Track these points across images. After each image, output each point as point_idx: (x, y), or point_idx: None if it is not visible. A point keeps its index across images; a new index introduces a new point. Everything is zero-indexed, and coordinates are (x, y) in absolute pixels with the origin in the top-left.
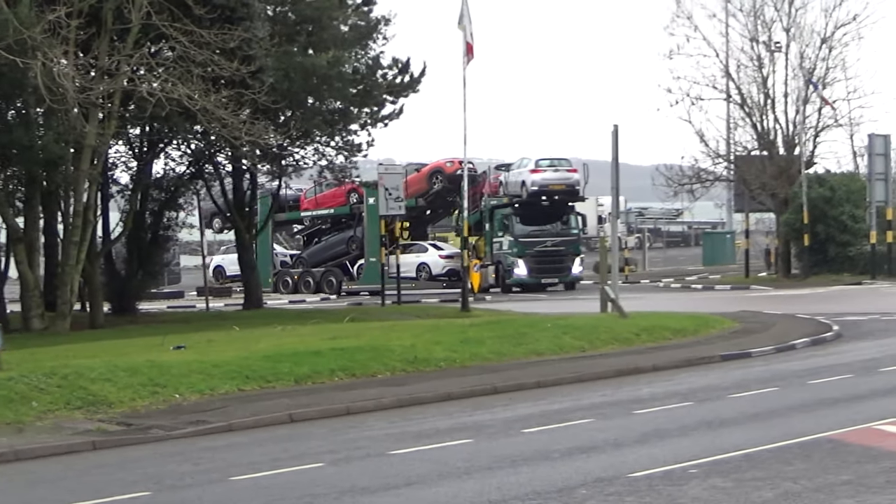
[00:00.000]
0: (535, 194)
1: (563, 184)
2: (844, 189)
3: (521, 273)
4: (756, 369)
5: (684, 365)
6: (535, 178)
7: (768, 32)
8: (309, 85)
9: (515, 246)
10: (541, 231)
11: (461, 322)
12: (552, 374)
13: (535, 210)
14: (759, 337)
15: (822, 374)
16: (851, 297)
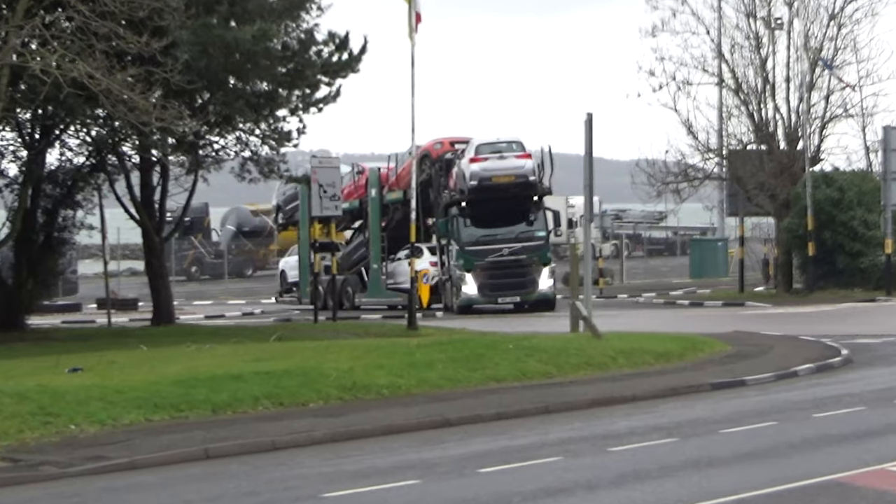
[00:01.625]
0: (477, 191)
1: (512, 174)
2: (855, 190)
3: (470, 291)
4: (752, 400)
5: (668, 394)
6: (474, 168)
7: (768, 7)
8: (230, 62)
9: (461, 257)
10: (494, 236)
11: (407, 342)
12: (514, 403)
13: (486, 209)
14: (756, 362)
15: (828, 406)
16: (863, 317)
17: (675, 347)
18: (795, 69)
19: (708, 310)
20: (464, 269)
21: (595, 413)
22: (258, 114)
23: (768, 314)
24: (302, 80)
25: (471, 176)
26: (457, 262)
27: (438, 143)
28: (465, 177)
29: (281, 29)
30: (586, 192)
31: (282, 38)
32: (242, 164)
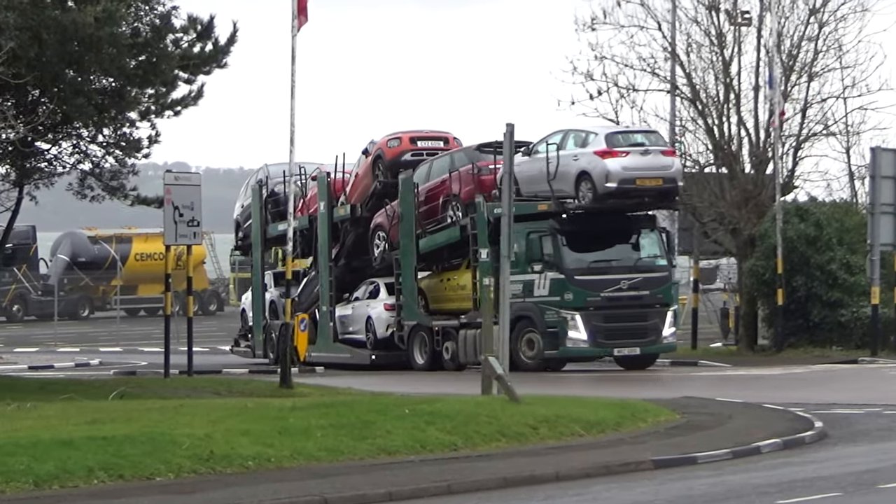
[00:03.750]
0: (615, 196)
1: (660, 177)
2: (836, 226)
3: (580, 337)
4: (703, 482)
5: (601, 473)
6: (611, 166)
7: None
8: (68, 51)
9: (567, 289)
10: (608, 263)
11: (280, 403)
12: (409, 482)
13: (594, 226)
14: (710, 435)
15: (797, 492)
16: (842, 381)
17: (611, 415)
18: (765, 74)
19: (653, 370)
20: (571, 308)
21: (509, 495)
22: (102, 116)
23: (727, 376)
24: (156, 74)
25: (609, 176)
26: (556, 297)
27: (394, 138)
28: (593, 177)
29: (130, 11)
30: (506, 219)
31: (131, 23)
32: (82, 179)
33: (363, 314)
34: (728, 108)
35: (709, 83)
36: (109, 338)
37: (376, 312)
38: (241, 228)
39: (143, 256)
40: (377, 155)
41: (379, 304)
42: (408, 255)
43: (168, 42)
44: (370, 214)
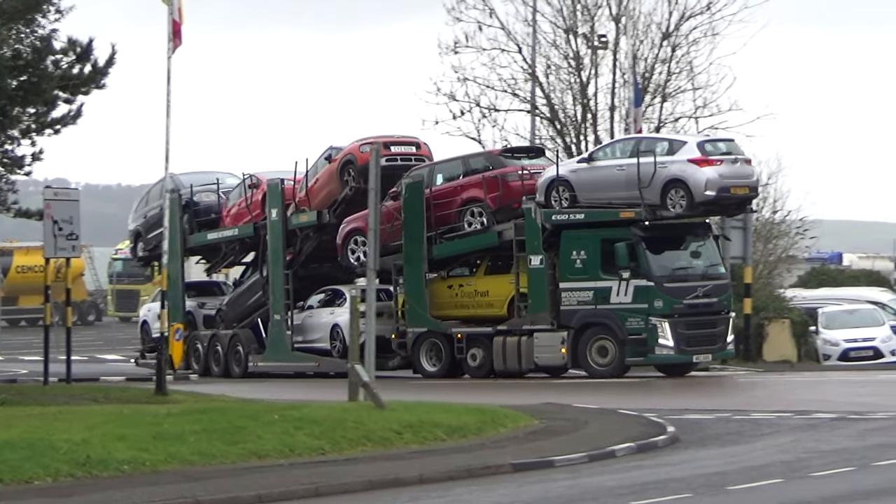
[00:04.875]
0: (710, 204)
1: (747, 186)
2: None
3: (668, 344)
4: (560, 484)
5: (463, 476)
6: (710, 174)
7: (591, 22)
8: None
9: (657, 297)
10: (686, 271)
11: (155, 410)
12: (278, 484)
13: (665, 234)
14: (567, 440)
15: (649, 493)
16: (695, 388)
17: (472, 421)
18: (622, 96)
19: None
20: (659, 314)
21: (375, 497)
22: None
23: (585, 383)
24: (37, 94)
25: (706, 184)
26: (644, 304)
27: (367, 143)
28: (690, 184)
29: (11, 33)
30: (371, 234)
31: (12, 45)
32: None
33: (326, 322)
34: (585, 128)
35: (567, 104)
36: None
37: (345, 320)
38: (143, 239)
39: (23, 269)
40: (347, 160)
41: (346, 311)
42: (415, 261)
43: (48, 63)
44: (338, 220)
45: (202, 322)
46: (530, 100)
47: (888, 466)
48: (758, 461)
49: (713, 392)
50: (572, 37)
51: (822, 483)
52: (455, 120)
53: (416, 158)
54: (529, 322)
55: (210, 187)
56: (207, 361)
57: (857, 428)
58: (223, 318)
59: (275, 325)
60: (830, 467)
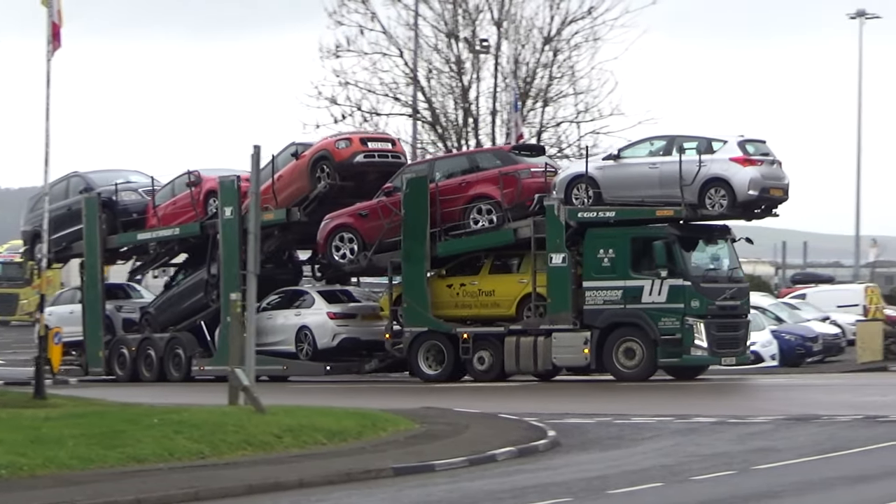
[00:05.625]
0: (752, 204)
1: (782, 189)
2: None
3: (703, 345)
4: (440, 488)
5: (343, 480)
6: (753, 174)
7: (472, 26)
8: None
9: (694, 297)
10: (716, 272)
11: (34, 414)
12: (157, 488)
13: (694, 235)
14: (447, 444)
15: (529, 498)
16: (577, 393)
17: (353, 425)
18: (503, 100)
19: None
20: (696, 315)
21: (255, 501)
22: None
23: (466, 387)
24: None
25: (749, 183)
26: (679, 304)
27: (344, 139)
28: (734, 184)
29: None
30: (252, 237)
31: None
32: None
33: (291, 324)
34: (467, 132)
35: (448, 108)
36: None
37: (316, 321)
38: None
39: None
40: (320, 156)
41: (315, 313)
42: (416, 259)
43: None
44: (308, 219)
45: (121, 325)
46: (412, 104)
47: (768, 470)
48: (638, 465)
49: (594, 396)
50: (454, 41)
51: (702, 487)
52: (336, 124)
53: (393, 155)
54: (549, 322)
55: (131, 186)
56: (136, 366)
57: (738, 432)
58: (151, 321)
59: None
60: (710, 471)
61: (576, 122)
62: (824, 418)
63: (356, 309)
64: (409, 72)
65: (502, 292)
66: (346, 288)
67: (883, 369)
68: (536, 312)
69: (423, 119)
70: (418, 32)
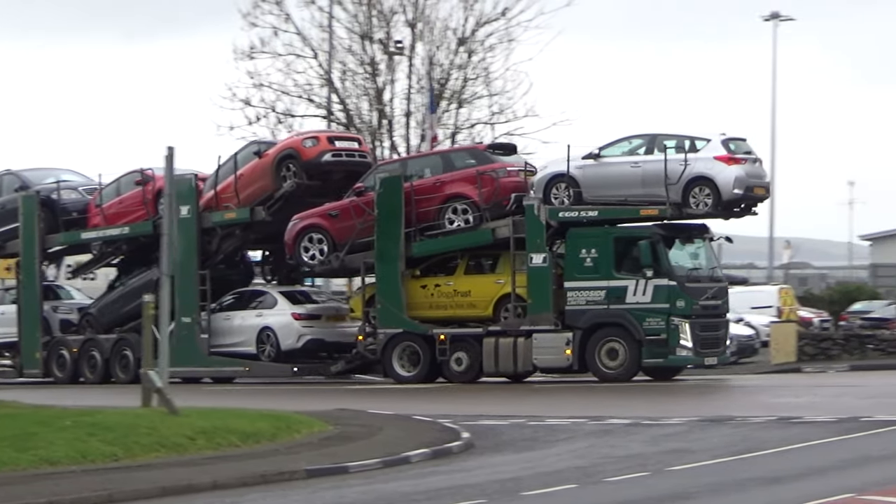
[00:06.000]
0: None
1: (764, 187)
2: None
3: (688, 345)
4: (354, 490)
5: (257, 482)
6: (738, 173)
7: (387, 28)
8: None
9: (680, 297)
10: (699, 272)
11: None
12: (70, 491)
13: (674, 235)
14: (361, 446)
15: (444, 499)
16: (489, 394)
17: (267, 427)
18: (417, 102)
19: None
20: (681, 314)
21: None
22: None
23: (381, 389)
24: None
25: (734, 182)
26: (664, 304)
27: (311, 138)
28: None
29: None
30: (167, 240)
31: None
32: None
33: (252, 325)
34: (381, 134)
35: (363, 109)
36: None
37: (279, 322)
38: None
39: None
40: (286, 155)
41: (278, 313)
42: (390, 259)
43: None
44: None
45: (58, 327)
46: (326, 105)
47: (682, 471)
48: (552, 466)
49: (508, 398)
50: (368, 42)
51: (616, 488)
52: (251, 125)
53: (359, 154)
54: (529, 322)
55: (71, 184)
56: (78, 368)
57: (652, 433)
58: (93, 322)
59: (183, 329)
60: (625, 472)
61: (490, 123)
62: (738, 419)
63: (321, 310)
64: (324, 73)
65: (479, 293)
66: (303, 289)
67: (796, 371)
68: (515, 313)
69: (338, 121)
70: (332, 34)
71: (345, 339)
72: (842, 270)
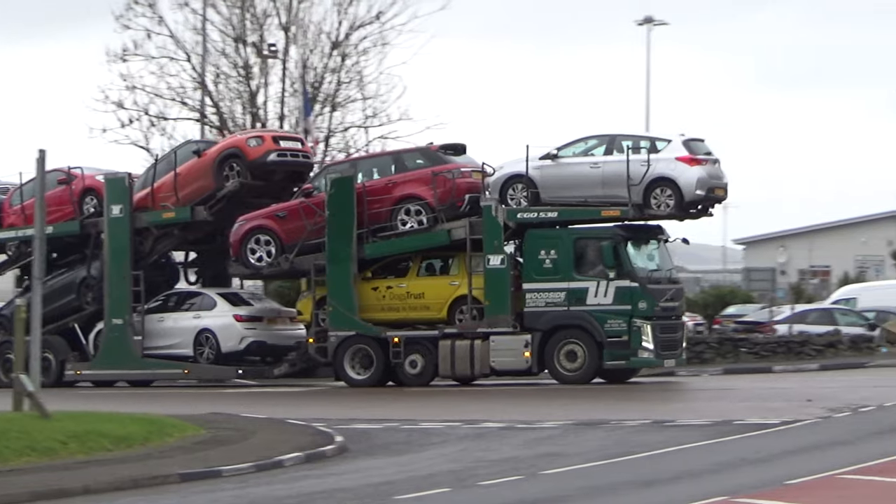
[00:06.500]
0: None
1: (723, 188)
2: None
3: (650, 346)
4: (228, 494)
5: (129, 486)
6: (700, 173)
7: (261, 31)
8: None
9: (642, 298)
10: (659, 273)
11: None
12: None
13: (632, 236)
14: (234, 449)
15: (316, 503)
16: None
17: (139, 431)
18: (291, 105)
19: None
20: (643, 316)
21: None
22: None
23: (254, 393)
24: None
25: (696, 183)
26: (625, 306)
27: (255, 137)
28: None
29: None
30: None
31: None
32: None
33: (187, 326)
34: None
35: (236, 112)
36: None
37: (220, 324)
38: None
39: None
40: (230, 154)
41: (219, 315)
42: (342, 261)
43: None
44: (214, 218)
45: None
46: (199, 108)
47: (555, 475)
48: (426, 470)
49: (381, 402)
50: (241, 46)
51: (489, 492)
52: (123, 128)
53: (303, 155)
54: (486, 325)
55: None
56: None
57: (526, 437)
58: (6, 324)
59: (114, 330)
60: (498, 476)
61: (364, 126)
62: (613, 423)
63: (263, 312)
64: (197, 76)
65: (433, 295)
66: (236, 291)
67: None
68: (471, 315)
69: (211, 124)
70: (206, 37)
71: (286, 342)
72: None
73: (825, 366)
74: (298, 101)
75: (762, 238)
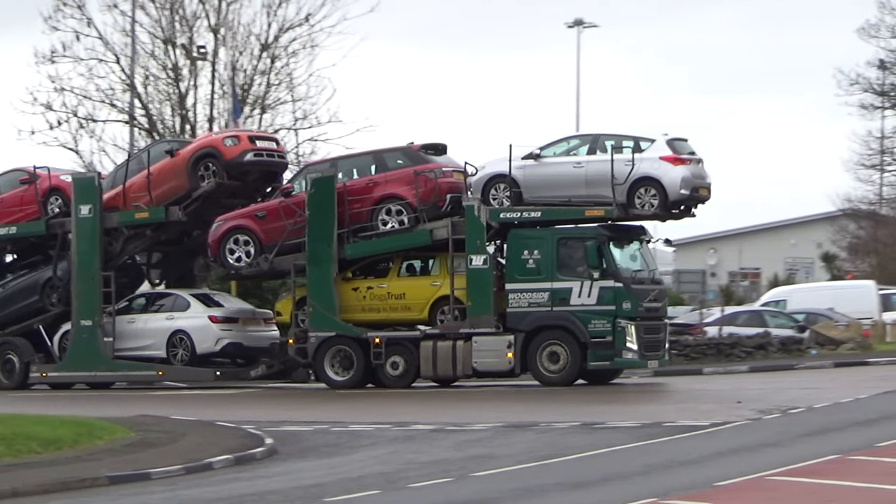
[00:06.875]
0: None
1: (707, 187)
2: None
3: (634, 347)
4: (157, 496)
5: (58, 489)
6: (685, 173)
7: (190, 33)
8: None
9: (626, 298)
10: (642, 273)
11: None
12: None
13: (616, 236)
14: (164, 452)
15: None
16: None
17: (68, 433)
18: (221, 107)
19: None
20: (627, 316)
21: None
22: None
23: (185, 395)
24: None
25: (680, 182)
26: (609, 306)
27: (231, 137)
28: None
29: None
30: None
31: None
32: None
33: (160, 328)
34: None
35: (166, 115)
36: None
37: (195, 325)
38: None
39: None
40: (205, 154)
41: (193, 316)
42: (322, 261)
43: None
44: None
45: None
46: (128, 110)
47: (485, 477)
48: (356, 472)
49: (312, 404)
50: (171, 47)
51: (419, 494)
52: (52, 130)
53: (279, 155)
54: (469, 325)
55: None
56: None
57: (456, 439)
58: None
59: (83, 332)
60: (428, 478)
61: (294, 129)
62: (543, 425)
63: (238, 313)
64: (126, 78)
65: (414, 295)
66: (206, 292)
67: None
68: (453, 316)
69: (140, 126)
70: (135, 39)
71: (261, 344)
72: None
73: (755, 367)
74: (228, 104)
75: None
